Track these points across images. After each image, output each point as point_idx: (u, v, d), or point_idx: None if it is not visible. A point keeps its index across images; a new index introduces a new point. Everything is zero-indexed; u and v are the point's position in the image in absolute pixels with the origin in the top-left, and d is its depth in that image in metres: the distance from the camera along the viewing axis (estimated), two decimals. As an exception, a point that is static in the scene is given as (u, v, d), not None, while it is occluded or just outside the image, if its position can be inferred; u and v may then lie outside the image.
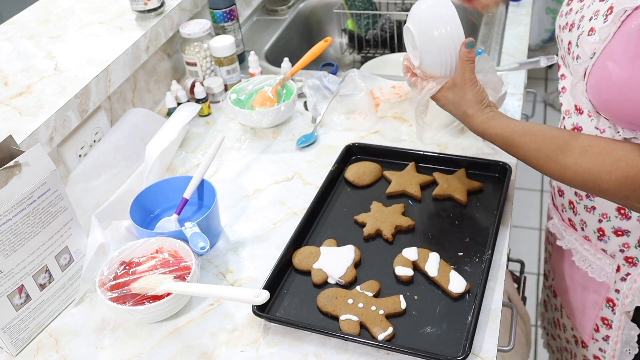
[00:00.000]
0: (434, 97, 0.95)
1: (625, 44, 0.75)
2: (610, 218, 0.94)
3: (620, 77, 0.76)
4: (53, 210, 0.91)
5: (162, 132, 1.21)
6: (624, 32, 0.75)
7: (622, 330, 1.02)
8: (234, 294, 0.89)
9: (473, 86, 0.91)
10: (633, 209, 0.81)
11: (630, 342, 1.02)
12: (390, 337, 0.86)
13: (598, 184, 0.79)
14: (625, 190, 0.77)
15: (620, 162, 0.77)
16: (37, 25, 1.37)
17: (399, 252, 0.99)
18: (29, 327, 0.91)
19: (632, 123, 0.79)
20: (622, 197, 0.79)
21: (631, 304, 0.98)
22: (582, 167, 0.79)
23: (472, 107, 0.90)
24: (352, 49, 1.83)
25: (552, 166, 0.83)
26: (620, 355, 1.05)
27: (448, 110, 0.95)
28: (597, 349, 1.10)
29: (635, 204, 0.79)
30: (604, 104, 0.80)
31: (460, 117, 0.93)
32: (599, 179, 0.78)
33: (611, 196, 0.80)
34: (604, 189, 0.79)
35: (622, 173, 0.77)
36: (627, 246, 0.95)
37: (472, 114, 0.90)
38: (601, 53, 0.78)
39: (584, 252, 1.04)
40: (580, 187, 0.83)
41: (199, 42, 1.41)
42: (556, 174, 0.84)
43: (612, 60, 0.77)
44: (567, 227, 1.06)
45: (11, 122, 1.05)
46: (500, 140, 0.89)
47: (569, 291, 1.14)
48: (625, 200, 0.80)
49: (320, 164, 1.22)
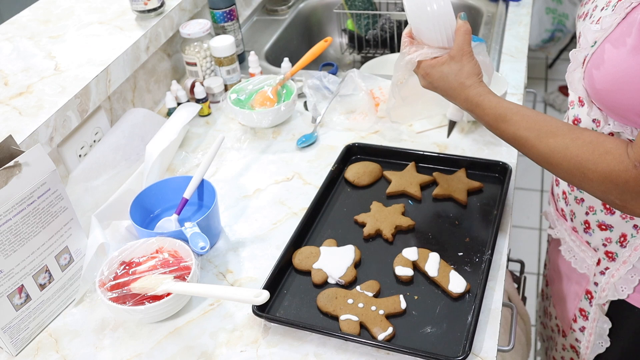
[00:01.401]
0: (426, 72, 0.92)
1: (626, 36, 0.75)
2: (596, 211, 0.96)
3: (617, 67, 0.76)
4: (53, 210, 0.91)
5: (162, 132, 1.21)
6: (627, 24, 0.75)
7: (597, 322, 1.04)
8: (234, 294, 0.89)
9: (471, 58, 0.89)
10: (613, 205, 0.80)
11: (602, 335, 1.04)
12: (390, 337, 0.86)
13: (584, 172, 0.78)
14: (609, 183, 0.76)
15: (608, 155, 0.76)
16: (37, 25, 1.37)
17: (399, 252, 0.99)
18: (29, 327, 0.91)
19: (624, 116, 0.79)
20: (604, 190, 0.78)
21: (606, 298, 0.99)
22: (572, 153, 0.78)
23: (470, 78, 0.89)
24: (352, 49, 1.83)
25: (541, 147, 0.81)
26: (593, 347, 1.07)
27: (439, 87, 0.92)
28: (574, 339, 1.12)
29: (615, 200, 0.78)
30: (599, 93, 0.80)
31: (455, 89, 0.90)
32: (586, 167, 0.77)
33: (594, 188, 0.79)
34: (589, 178, 0.78)
35: (607, 166, 0.76)
36: (610, 241, 0.96)
37: (470, 85, 0.88)
38: (602, 42, 0.78)
39: (570, 243, 1.05)
40: (566, 174, 0.81)
41: (199, 42, 1.41)
42: (543, 156, 0.82)
43: (611, 50, 0.77)
44: (559, 216, 1.08)
45: (11, 122, 1.05)
46: (493, 115, 0.86)
47: (556, 281, 1.16)
48: (606, 195, 0.78)
49: (320, 164, 1.22)
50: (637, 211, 0.78)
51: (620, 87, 0.76)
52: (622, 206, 0.78)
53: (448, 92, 0.91)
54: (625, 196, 0.76)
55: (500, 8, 1.71)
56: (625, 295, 0.96)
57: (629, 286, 0.95)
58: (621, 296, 0.97)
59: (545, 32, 3.21)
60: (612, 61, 0.77)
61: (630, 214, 0.79)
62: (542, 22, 3.18)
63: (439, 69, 0.90)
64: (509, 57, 1.48)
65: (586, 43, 0.82)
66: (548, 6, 3.15)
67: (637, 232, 0.91)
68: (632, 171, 0.74)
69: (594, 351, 1.07)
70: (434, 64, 0.91)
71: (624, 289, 0.96)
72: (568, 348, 1.15)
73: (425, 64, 0.91)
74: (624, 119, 0.80)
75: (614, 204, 0.79)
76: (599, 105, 0.82)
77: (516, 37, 1.56)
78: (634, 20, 0.74)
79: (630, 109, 0.77)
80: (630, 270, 0.94)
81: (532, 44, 3.22)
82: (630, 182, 0.75)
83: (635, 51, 0.73)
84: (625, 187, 0.75)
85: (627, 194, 0.76)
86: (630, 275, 0.95)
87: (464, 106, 0.90)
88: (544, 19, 3.18)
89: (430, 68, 0.91)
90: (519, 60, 1.46)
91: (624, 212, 0.80)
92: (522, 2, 1.72)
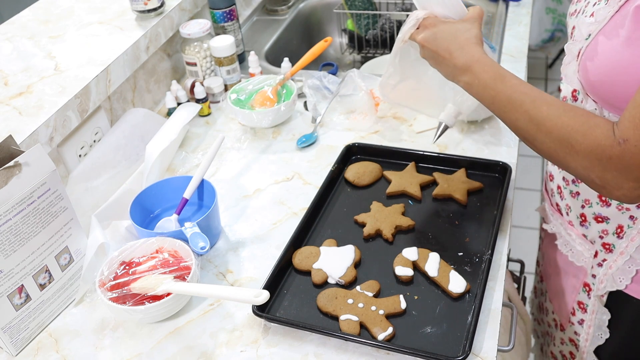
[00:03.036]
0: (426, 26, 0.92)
1: (619, 27, 0.76)
2: (592, 204, 0.96)
3: (612, 59, 0.77)
4: (53, 210, 0.91)
5: (162, 132, 1.21)
6: (620, 16, 0.77)
7: (595, 314, 1.05)
8: (234, 294, 0.89)
9: (477, 25, 0.91)
10: (592, 185, 0.79)
11: (602, 327, 1.05)
12: (390, 337, 0.86)
13: (572, 143, 0.78)
14: (593, 158, 0.76)
15: (597, 128, 0.76)
16: (37, 25, 1.37)
17: (399, 252, 0.99)
18: (29, 327, 0.91)
19: (618, 107, 0.80)
20: (586, 166, 0.78)
21: (604, 289, 1.01)
22: (563, 122, 0.78)
23: (478, 40, 0.90)
24: (352, 49, 1.83)
25: (534, 113, 0.81)
26: (592, 338, 1.08)
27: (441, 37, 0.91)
28: (572, 332, 1.13)
29: (595, 178, 0.77)
30: (594, 85, 0.81)
31: (459, 43, 0.89)
32: (574, 139, 0.77)
33: (577, 163, 0.79)
34: (575, 151, 0.78)
35: (595, 139, 0.76)
36: (606, 233, 0.97)
37: (475, 43, 0.89)
38: (596, 34, 0.80)
39: (566, 237, 1.06)
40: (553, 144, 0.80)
41: (199, 42, 1.41)
42: (535, 122, 0.81)
43: (605, 42, 0.78)
44: (554, 211, 1.09)
45: (11, 122, 1.05)
46: (493, 72, 0.86)
47: (552, 275, 1.16)
48: (588, 172, 0.78)
49: (320, 164, 1.22)
50: (614, 192, 0.77)
51: (614, 78, 0.77)
52: (601, 186, 0.78)
53: (450, 45, 0.90)
54: (606, 175, 0.76)
55: (500, 8, 1.71)
56: (623, 286, 0.98)
57: (627, 277, 0.96)
58: (619, 287, 0.98)
59: (545, 32, 3.21)
60: (605, 53, 0.78)
61: (607, 195, 0.79)
62: (542, 22, 3.18)
63: (449, 24, 0.91)
64: (509, 57, 1.48)
65: (580, 36, 0.83)
66: (548, 6, 3.15)
67: (634, 223, 0.92)
68: (616, 148, 0.74)
69: (593, 343, 1.08)
70: (443, 20, 0.92)
71: (621, 279, 0.97)
72: (567, 342, 1.16)
73: (433, 17, 0.93)
74: (618, 109, 0.80)
75: (593, 183, 0.79)
76: (593, 97, 0.84)
77: (516, 37, 1.56)
78: (627, 12, 0.75)
79: (623, 99, 0.77)
80: (627, 261, 0.95)
81: (532, 44, 3.22)
82: (613, 159, 0.74)
83: (629, 42, 0.74)
84: (608, 163, 0.75)
85: (608, 173, 0.76)
86: (628, 266, 0.96)
87: (462, 62, 0.88)
88: (544, 19, 3.18)
89: (438, 21, 0.92)
90: (519, 60, 1.46)
91: (601, 192, 0.79)
92: (522, 2, 1.72)
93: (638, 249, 0.94)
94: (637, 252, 0.94)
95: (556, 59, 3.43)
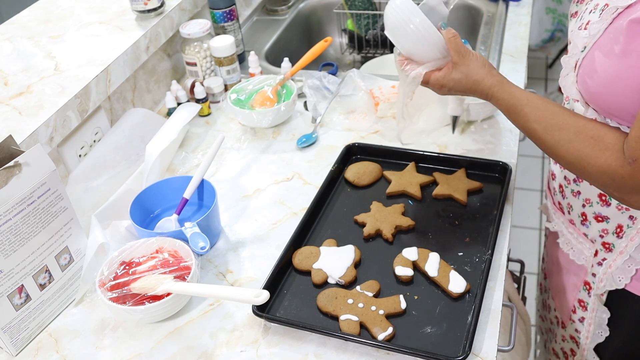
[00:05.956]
0: (440, 84, 0.96)
1: (613, 41, 0.79)
2: (593, 203, 0.98)
3: (608, 71, 0.80)
4: (53, 210, 0.91)
5: (162, 132, 1.21)
6: (613, 30, 0.79)
7: (596, 312, 1.06)
8: (234, 294, 0.89)
9: (469, 55, 0.94)
10: (613, 196, 0.85)
11: (602, 325, 1.06)
12: (390, 337, 0.86)
13: (584, 166, 0.83)
14: (606, 178, 0.81)
15: (607, 151, 0.81)
16: (37, 25, 1.37)
17: (399, 252, 0.99)
18: (29, 327, 0.91)
19: (618, 117, 0.83)
20: (603, 184, 0.83)
21: (604, 288, 1.02)
22: (574, 147, 0.83)
23: (479, 73, 0.93)
24: (352, 49, 1.83)
25: (547, 139, 0.86)
26: (592, 336, 1.09)
27: (457, 91, 0.97)
28: (573, 329, 1.14)
29: (614, 192, 0.83)
30: (592, 96, 0.85)
31: (470, 88, 0.95)
32: (586, 162, 0.82)
33: (594, 181, 0.84)
34: (588, 172, 0.83)
35: (605, 161, 0.80)
36: (606, 232, 0.98)
37: (480, 79, 0.93)
38: (591, 47, 0.83)
39: (568, 235, 1.07)
40: (569, 167, 0.86)
41: (199, 42, 1.41)
42: (550, 148, 0.87)
43: (600, 55, 0.81)
44: (556, 210, 1.10)
45: (11, 122, 1.05)
46: (505, 107, 0.92)
47: (554, 273, 1.17)
48: (605, 188, 0.84)
49: (320, 164, 1.22)
50: (634, 204, 0.82)
51: (613, 90, 0.80)
52: (620, 198, 0.83)
53: (466, 92, 0.96)
54: (622, 190, 0.81)
55: (500, 8, 1.71)
56: (623, 285, 0.98)
57: (626, 276, 0.97)
58: (619, 286, 0.99)
59: (545, 32, 3.21)
60: (603, 67, 0.81)
61: (628, 205, 0.84)
62: (542, 22, 3.18)
63: (450, 77, 0.95)
64: (509, 57, 1.48)
65: (576, 49, 0.87)
66: (548, 6, 3.14)
67: (633, 223, 0.93)
68: (627, 167, 0.78)
69: (593, 341, 1.09)
70: (444, 75, 0.95)
71: (621, 279, 0.98)
72: (568, 339, 1.17)
73: (435, 78, 0.96)
74: (619, 119, 0.83)
75: (613, 196, 0.85)
76: (593, 106, 0.86)
77: (516, 37, 1.56)
78: (620, 26, 0.77)
79: (624, 110, 0.80)
80: (627, 260, 0.96)
81: (532, 44, 3.22)
82: (625, 178, 0.79)
83: (624, 55, 0.77)
84: (621, 182, 0.80)
85: (623, 188, 0.81)
86: (627, 265, 0.97)
87: (482, 97, 0.95)
88: (544, 19, 3.17)
89: (442, 79, 0.96)
90: (519, 60, 1.46)
91: (622, 203, 0.85)
92: (522, 2, 1.72)
93: (637, 249, 0.94)
94: (636, 251, 0.94)
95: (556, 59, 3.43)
